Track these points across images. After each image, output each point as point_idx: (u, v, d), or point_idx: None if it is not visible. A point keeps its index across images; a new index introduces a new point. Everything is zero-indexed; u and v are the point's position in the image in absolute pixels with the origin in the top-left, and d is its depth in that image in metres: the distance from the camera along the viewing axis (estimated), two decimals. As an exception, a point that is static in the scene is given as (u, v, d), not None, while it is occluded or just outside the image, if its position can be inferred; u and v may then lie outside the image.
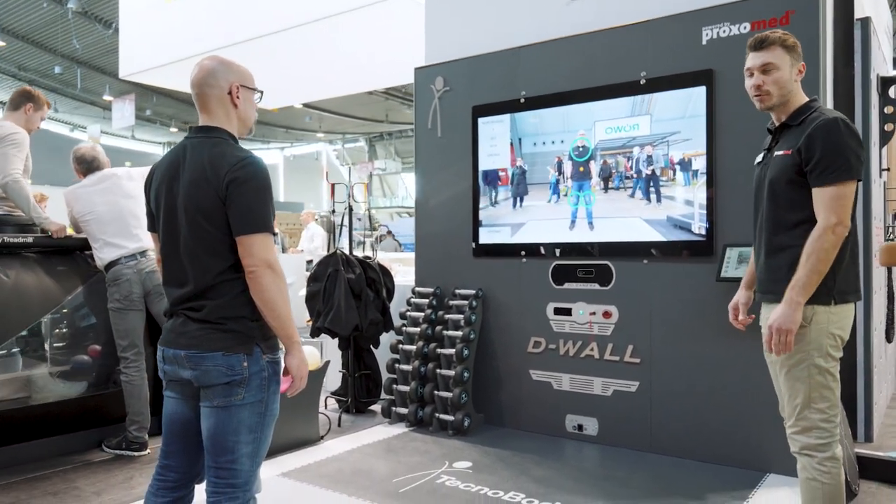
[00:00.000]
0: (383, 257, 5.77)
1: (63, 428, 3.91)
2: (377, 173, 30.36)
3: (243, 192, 1.89)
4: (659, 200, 3.72)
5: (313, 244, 10.97)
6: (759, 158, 2.55)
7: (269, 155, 36.26)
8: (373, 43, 6.87)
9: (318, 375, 4.04)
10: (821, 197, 2.24)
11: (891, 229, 4.37)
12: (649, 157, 3.74)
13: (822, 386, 2.27)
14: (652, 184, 3.74)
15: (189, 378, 1.96)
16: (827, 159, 2.22)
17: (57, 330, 4.11)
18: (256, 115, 2.13)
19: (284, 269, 2.01)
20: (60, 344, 4.13)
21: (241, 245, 1.91)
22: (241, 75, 2.06)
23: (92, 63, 20.32)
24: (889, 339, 4.28)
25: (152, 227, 2.12)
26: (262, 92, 2.13)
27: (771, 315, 2.29)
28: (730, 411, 3.50)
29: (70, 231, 4.04)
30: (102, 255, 3.89)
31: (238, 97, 2.04)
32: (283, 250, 11.96)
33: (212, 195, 1.90)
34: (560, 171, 4.06)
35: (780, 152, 2.37)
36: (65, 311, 4.07)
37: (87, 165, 4.04)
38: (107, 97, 20.17)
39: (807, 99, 2.41)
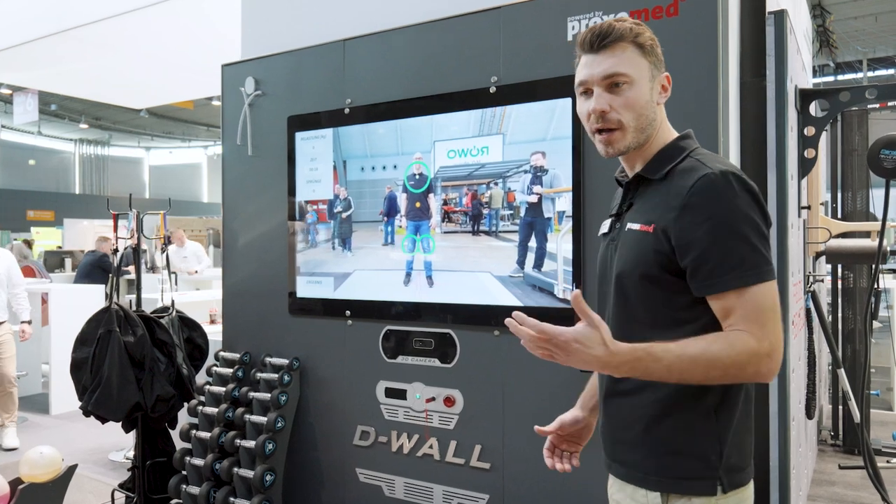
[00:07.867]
0: (203, 299, 4.67)
1: None
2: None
3: None
4: (523, 261, 2.75)
5: (201, 265, 9.65)
6: (604, 227, 1.60)
7: (192, 154, 34.43)
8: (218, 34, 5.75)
9: (56, 487, 2.93)
10: (732, 308, 1.27)
11: (811, 278, 3.53)
12: (484, 188, 2.78)
13: None
14: (499, 227, 2.78)
15: None
16: (722, 249, 1.27)
17: None
18: None
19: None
20: None
21: None
22: None
23: (-16, 53, 18.35)
24: (810, 416, 3.44)
25: None
26: None
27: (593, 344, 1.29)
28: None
29: None
30: None
31: None
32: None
33: None
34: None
35: (636, 226, 1.41)
36: None
37: None
38: (4, 90, 18.27)
39: (675, 134, 1.45)
